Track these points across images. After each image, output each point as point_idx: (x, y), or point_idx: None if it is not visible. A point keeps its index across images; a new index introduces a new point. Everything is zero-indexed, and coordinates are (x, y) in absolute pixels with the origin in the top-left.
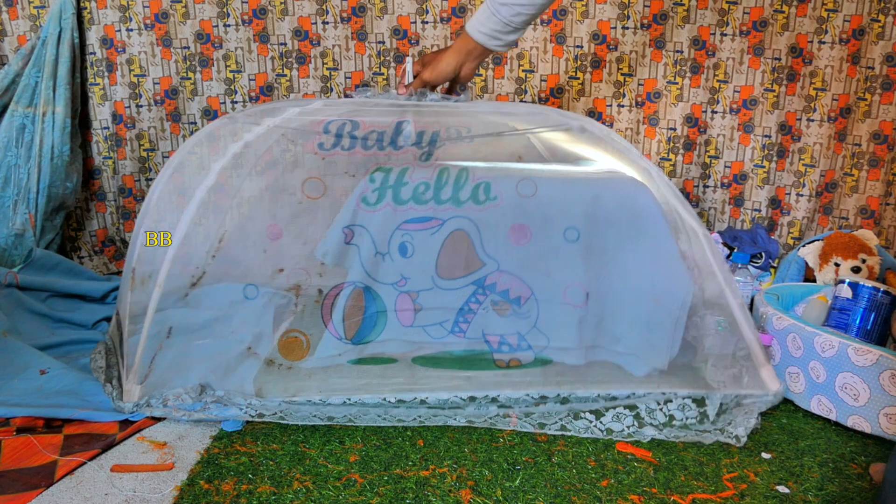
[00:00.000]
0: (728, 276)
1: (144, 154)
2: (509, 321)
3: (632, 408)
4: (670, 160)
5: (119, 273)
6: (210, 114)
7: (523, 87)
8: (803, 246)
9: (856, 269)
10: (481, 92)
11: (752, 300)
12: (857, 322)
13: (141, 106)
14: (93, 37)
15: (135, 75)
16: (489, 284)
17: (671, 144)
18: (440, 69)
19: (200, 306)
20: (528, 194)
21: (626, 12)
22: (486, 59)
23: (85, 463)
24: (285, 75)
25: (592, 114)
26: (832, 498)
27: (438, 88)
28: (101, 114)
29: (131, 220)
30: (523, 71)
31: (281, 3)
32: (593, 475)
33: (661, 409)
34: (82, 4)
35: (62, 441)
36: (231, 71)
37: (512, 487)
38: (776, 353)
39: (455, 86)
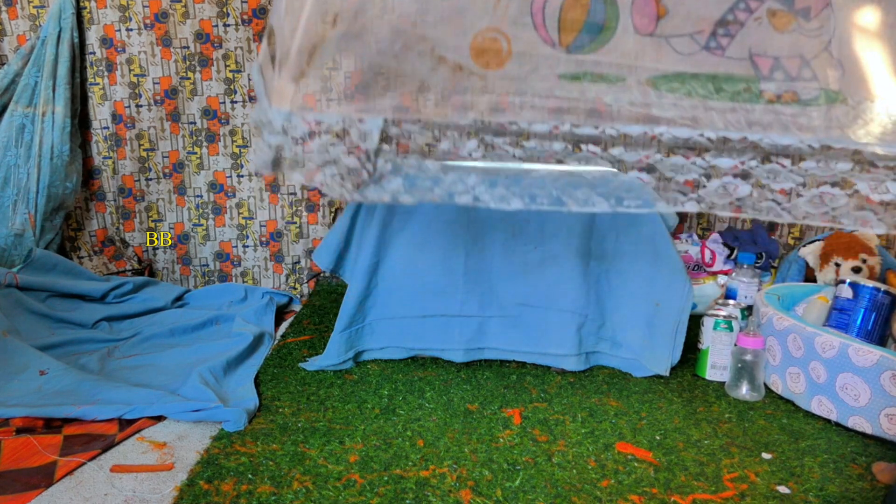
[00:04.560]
0: None
1: (144, 154)
2: (790, 39)
3: None
4: None
5: (119, 273)
6: (210, 114)
7: None
8: (804, 246)
9: (856, 270)
10: None
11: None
12: (858, 322)
13: (141, 106)
14: (92, 36)
15: (135, 75)
16: None
17: None
18: None
19: None
20: None
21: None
22: None
23: (85, 463)
24: None
25: None
26: (833, 498)
27: None
28: (100, 114)
29: (131, 219)
30: None
31: None
32: (593, 475)
33: None
34: (82, 4)
35: (62, 441)
36: (231, 71)
37: (512, 487)
38: (776, 353)
39: None
